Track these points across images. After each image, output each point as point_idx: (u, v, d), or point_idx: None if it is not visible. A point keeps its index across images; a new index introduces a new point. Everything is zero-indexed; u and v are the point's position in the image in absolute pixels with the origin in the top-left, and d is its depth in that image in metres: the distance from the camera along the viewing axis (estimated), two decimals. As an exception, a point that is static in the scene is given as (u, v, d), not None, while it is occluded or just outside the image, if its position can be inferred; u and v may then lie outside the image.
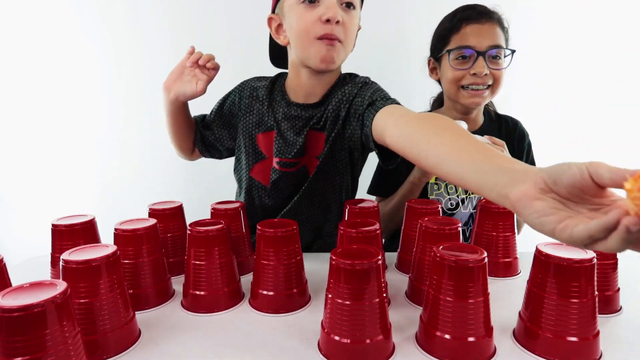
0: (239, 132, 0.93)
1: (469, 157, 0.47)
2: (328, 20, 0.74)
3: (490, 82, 0.98)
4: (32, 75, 1.59)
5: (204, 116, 0.99)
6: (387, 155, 0.77)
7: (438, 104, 1.15)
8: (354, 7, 0.79)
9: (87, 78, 1.60)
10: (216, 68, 0.84)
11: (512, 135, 1.12)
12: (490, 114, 1.12)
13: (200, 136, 0.97)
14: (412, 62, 1.55)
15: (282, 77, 0.93)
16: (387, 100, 0.77)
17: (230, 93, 0.95)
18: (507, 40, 1.00)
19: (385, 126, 0.68)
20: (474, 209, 1.06)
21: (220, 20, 1.54)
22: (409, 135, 0.60)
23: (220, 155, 1.01)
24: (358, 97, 0.82)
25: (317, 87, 0.86)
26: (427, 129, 0.57)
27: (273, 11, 0.85)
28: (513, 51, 0.98)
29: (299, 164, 0.87)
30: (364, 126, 0.78)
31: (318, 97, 0.86)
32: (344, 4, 0.77)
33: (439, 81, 1.07)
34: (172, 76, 0.86)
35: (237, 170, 0.97)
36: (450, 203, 1.05)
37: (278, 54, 0.92)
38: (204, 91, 0.83)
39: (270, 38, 0.90)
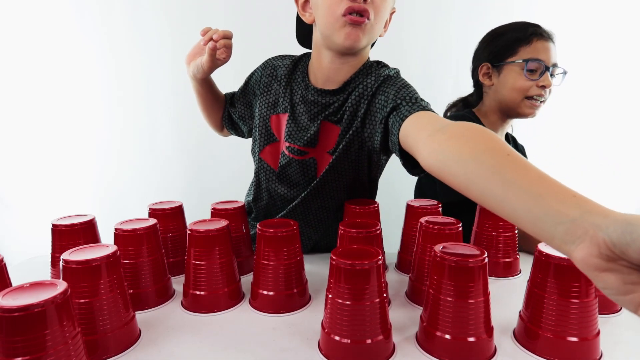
0: (255, 110, 0.91)
1: (515, 195, 0.40)
2: None
3: (547, 97, 1.03)
4: (31, 76, 1.59)
5: (234, 94, 0.98)
6: (413, 162, 0.67)
7: (460, 106, 1.17)
8: None
9: (86, 79, 1.60)
10: (226, 46, 0.79)
11: (515, 148, 1.15)
12: None
13: (227, 114, 0.97)
14: (412, 61, 1.55)
15: (307, 57, 0.87)
16: (413, 103, 0.68)
17: (255, 70, 0.93)
18: None
19: (416, 144, 0.61)
20: None
21: (221, 20, 1.54)
22: (443, 161, 0.52)
23: (243, 135, 1.00)
24: (380, 95, 0.75)
25: (338, 72, 0.80)
26: (464, 154, 0.49)
27: None
28: (565, 72, 1.03)
29: (308, 154, 0.83)
30: (390, 134, 0.71)
31: (338, 84, 0.80)
32: None
33: (479, 86, 1.09)
34: (192, 51, 0.85)
35: (252, 150, 0.93)
36: None
37: (305, 32, 0.88)
38: (209, 67, 0.80)
39: (298, 16, 0.86)
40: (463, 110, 1.15)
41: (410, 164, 0.69)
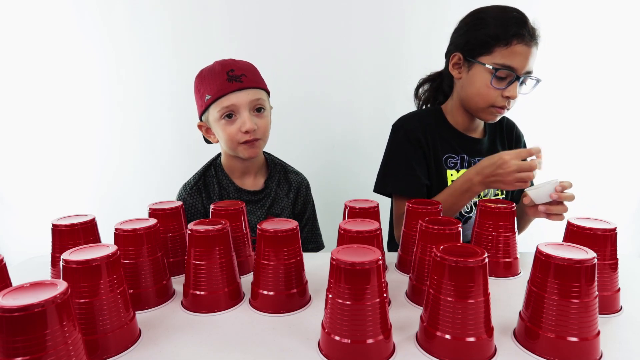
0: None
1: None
2: (247, 131, 0.92)
3: (511, 106, 0.97)
4: (32, 76, 1.59)
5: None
6: None
7: (431, 88, 1.14)
8: (264, 109, 0.96)
9: (87, 79, 1.60)
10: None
11: (510, 136, 1.13)
12: None
13: None
14: (411, 60, 1.55)
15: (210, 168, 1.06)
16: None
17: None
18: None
19: None
20: None
21: (221, 21, 1.54)
22: None
23: None
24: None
25: (250, 168, 1.04)
26: None
27: (200, 119, 1.01)
28: (538, 80, 0.95)
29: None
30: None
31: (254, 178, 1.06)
32: (254, 110, 0.93)
33: (450, 78, 1.05)
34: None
35: None
36: (467, 206, 1.05)
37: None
38: None
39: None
40: (433, 92, 1.12)
41: None
